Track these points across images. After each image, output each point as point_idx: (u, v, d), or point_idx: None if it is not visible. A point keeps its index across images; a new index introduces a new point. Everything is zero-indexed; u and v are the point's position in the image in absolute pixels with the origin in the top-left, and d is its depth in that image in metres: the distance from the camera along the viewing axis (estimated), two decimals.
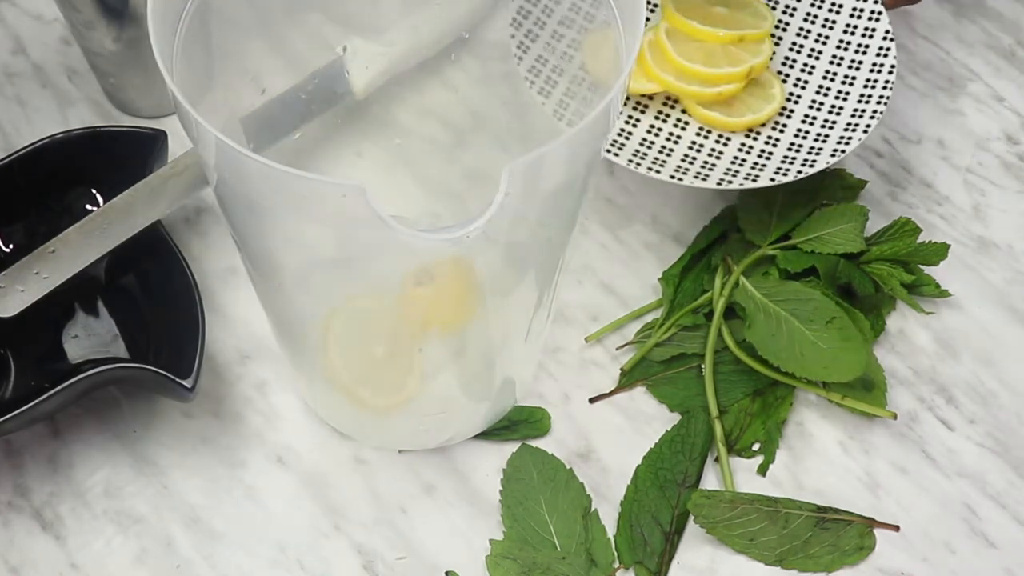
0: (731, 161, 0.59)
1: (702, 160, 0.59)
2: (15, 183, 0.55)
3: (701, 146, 0.60)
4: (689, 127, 0.61)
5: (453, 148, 0.55)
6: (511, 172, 0.34)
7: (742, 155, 0.60)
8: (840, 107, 0.60)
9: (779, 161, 0.58)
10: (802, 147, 0.59)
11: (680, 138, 0.60)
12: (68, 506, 0.51)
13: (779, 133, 0.60)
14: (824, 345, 0.53)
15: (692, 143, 0.60)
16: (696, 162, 0.59)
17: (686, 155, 0.59)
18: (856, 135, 0.57)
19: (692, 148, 0.60)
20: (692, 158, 0.59)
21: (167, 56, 0.38)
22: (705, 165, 0.59)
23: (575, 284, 0.59)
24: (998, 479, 0.54)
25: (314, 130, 0.54)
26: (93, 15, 0.57)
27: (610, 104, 0.36)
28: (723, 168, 0.59)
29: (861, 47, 0.61)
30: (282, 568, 0.50)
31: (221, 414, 0.54)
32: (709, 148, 0.60)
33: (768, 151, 0.59)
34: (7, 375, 0.53)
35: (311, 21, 0.50)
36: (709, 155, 0.60)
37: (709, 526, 0.50)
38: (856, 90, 0.60)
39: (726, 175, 0.58)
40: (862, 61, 0.61)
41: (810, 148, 0.58)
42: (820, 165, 0.56)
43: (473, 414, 0.52)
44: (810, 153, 0.58)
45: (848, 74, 0.61)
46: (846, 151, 0.56)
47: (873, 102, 0.59)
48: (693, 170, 0.58)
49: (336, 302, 0.49)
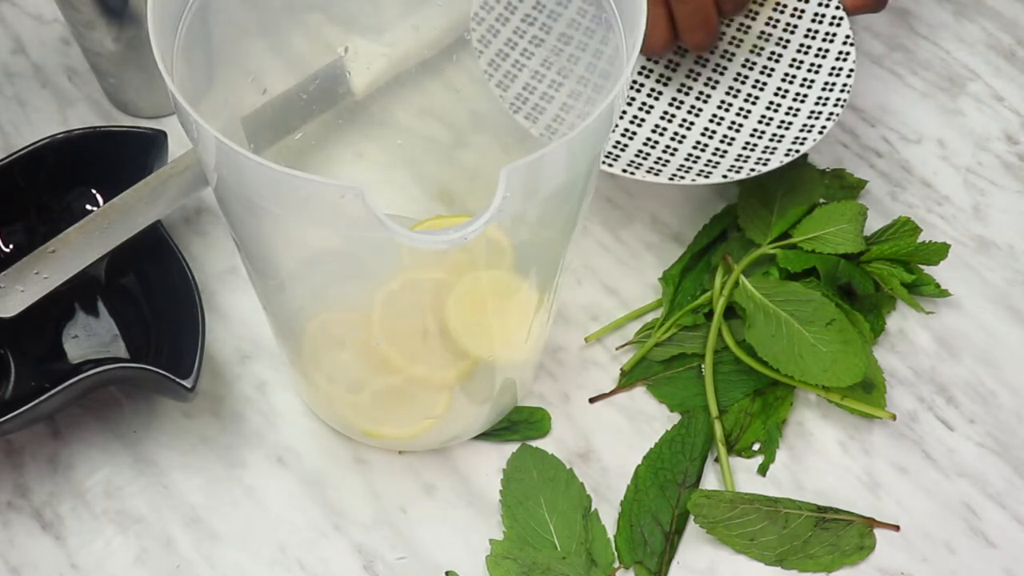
0: (685, 157, 0.59)
1: (656, 155, 0.59)
2: (15, 183, 0.55)
3: (656, 142, 0.60)
4: (647, 120, 0.61)
5: (453, 148, 0.55)
6: (510, 173, 0.34)
7: (696, 152, 0.60)
8: (797, 109, 0.60)
9: (733, 159, 0.59)
10: (756, 146, 0.59)
11: (636, 134, 0.60)
12: (68, 506, 0.51)
13: (735, 132, 0.60)
14: (824, 347, 0.53)
15: (647, 139, 0.60)
16: (650, 157, 0.59)
17: (640, 151, 0.60)
18: (811, 135, 0.57)
19: (647, 144, 0.60)
20: (647, 153, 0.59)
21: (167, 56, 0.38)
22: (659, 160, 0.59)
23: (575, 284, 0.59)
24: (998, 479, 0.54)
25: (314, 130, 0.54)
26: (93, 15, 0.57)
27: (612, 104, 0.36)
28: (676, 164, 0.59)
29: (821, 51, 0.61)
30: (282, 568, 0.50)
31: (221, 414, 0.54)
32: (664, 144, 0.60)
33: (723, 149, 0.60)
34: (7, 375, 0.53)
35: (312, 21, 0.50)
36: (664, 151, 0.60)
37: (709, 526, 0.50)
38: (814, 93, 0.60)
39: (679, 170, 0.58)
40: (821, 65, 0.61)
41: (765, 147, 0.58)
42: (774, 163, 0.56)
43: (473, 415, 0.52)
44: (764, 152, 0.58)
45: (807, 77, 0.61)
46: (800, 151, 0.56)
47: (830, 104, 0.59)
48: (647, 165, 0.58)
49: (335, 302, 0.49)
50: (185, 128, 0.36)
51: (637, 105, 0.62)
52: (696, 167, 0.58)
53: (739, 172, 0.56)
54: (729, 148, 0.60)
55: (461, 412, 0.51)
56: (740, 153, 0.59)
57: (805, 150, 0.56)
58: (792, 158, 0.56)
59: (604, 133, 0.38)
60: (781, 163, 0.56)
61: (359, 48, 0.53)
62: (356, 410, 0.52)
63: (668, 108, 0.62)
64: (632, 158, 0.59)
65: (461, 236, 0.34)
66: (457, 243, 0.34)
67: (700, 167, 0.58)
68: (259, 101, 0.50)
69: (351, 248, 0.42)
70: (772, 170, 0.56)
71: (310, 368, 0.51)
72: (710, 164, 0.58)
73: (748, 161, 0.58)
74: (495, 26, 0.54)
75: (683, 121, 0.61)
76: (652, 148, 0.60)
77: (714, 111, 0.62)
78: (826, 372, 0.52)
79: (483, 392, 0.51)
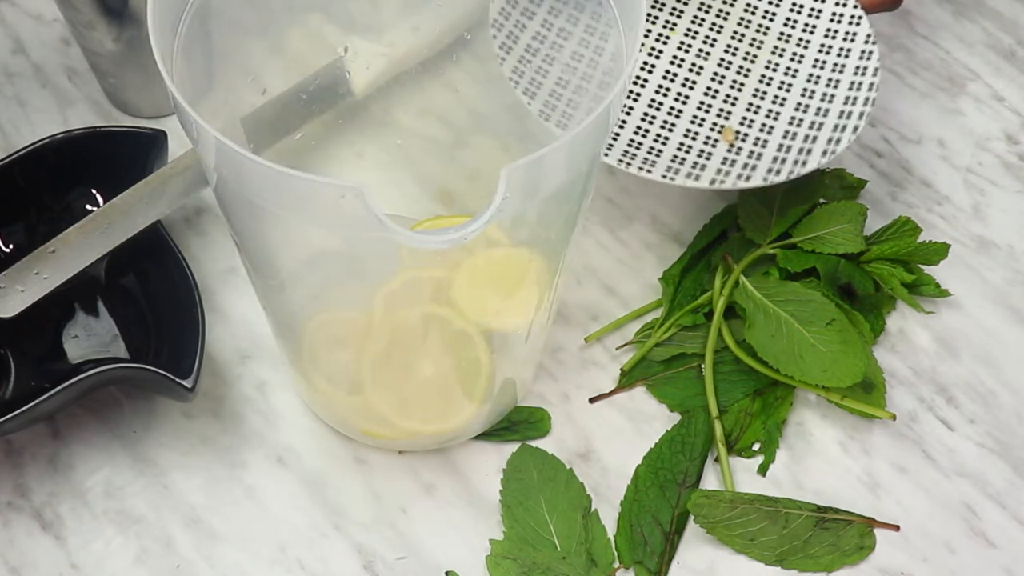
0: (721, 161, 0.59)
1: (692, 160, 0.59)
2: (15, 183, 0.55)
3: (690, 146, 0.60)
4: (679, 121, 0.61)
5: (453, 148, 0.55)
6: (510, 174, 0.34)
7: (731, 155, 0.60)
8: (827, 109, 0.60)
9: (769, 161, 0.59)
10: (791, 148, 0.59)
11: (668, 138, 0.60)
12: (68, 506, 0.51)
13: (767, 135, 0.60)
14: (824, 347, 0.53)
15: (681, 143, 0.60)
16: (687, 162, 0.59)
17: (675, 155, 0.60)
18: (845, 135, 0.57)
19: (681, 148, 0.60)
20: (682, 158, 0.59)
21: (167, 57, 0.38)
22: (696, 165, 0.59)
23: (575, 284, 0.59)
24: (998, 479, 0.54)
25: (314, 130, 0.54)
26: (93, 15, 0.57)
27: (610, 105, 0.36)
28: (714, 168, 0.59)
29: (843, 51, 0.61)
30: (282, 568, 0.50)
31: (221, 414, 0.54)
32: (698, 148, 0.60)
33: (758, 152, 0.60)
34: (7, 375, 0.53)
35: (312, 21, 0.50)
36: (699, 155, 0.60)
37: (709, 526, 0.50)
38: (841, 92, 0.60)
39: (718, 175, 0.58)
40: (845, 64, 0.61)
41: (800, 149, 0.58)
42: (812, 165, 0.56)
43: (473, 415, 0.52)
44: (800, 153, 0.58)
45: (832, 77, 0.61)
46: (836, 151, 0.56)
47: (860, 103, 0.59)
48: (684, 169, 0.58)
49: (335, 302, 0.49)
50: (185, 128, 0.36)
51: (666, 109, 0.62)
52: (734, 171, 0.58)
53: (779, 174, 0.57)
54: (764, 151, 0.60)
55: (461, 412, 0.51)
56: (776, 155, 0.59)
57: (841, 149, 0.56)
58: (829, 158, 0.56)
59: (604, 133, 0.38)
60: (819, 164, 0.56)
61: (359, 48, 0.53)
62: (356, 410, 0.52)
63: (696, 113, 0.62)
64: (669, 163, 0.59)
65: (461, 236, 0.34)
66: (457, 243, 0.34)
67: (738, 171, 0.58)
68: (259, 101, 0.50)
69: (351, 248, 0.42)
70: (808, 171, 0.56)
71: (310, 368, 0.51)
72: (747, 167, 0.59)
73: (786, 163, 0.58)
74: (514, 32, 0.54)
75: (714, 124, 0.62)
76: (687, 153, 0.60)
77: (743, 114, 0.62)
78: (826, 372, 0.52)
79: (483, 392, 0.51)
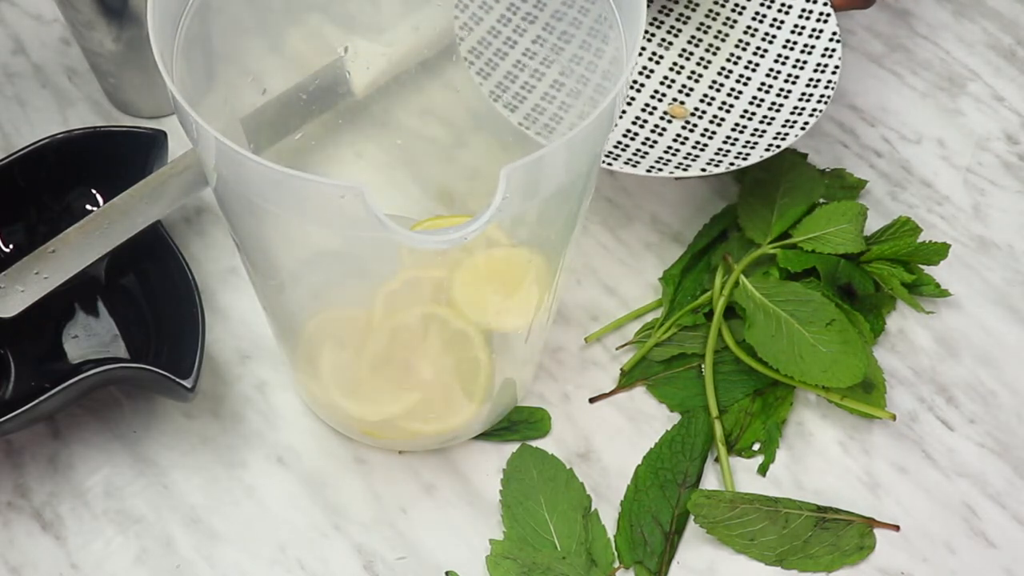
0: (664, 149, 0.59)
1: (635, 148, 0.59)
2: (15, 183, 0.55)
3: (636, 134, 0.60)
4: (627, 112, 0.61)
5: (453, 148, 0.55)
6: (510, 173, 0.34)
7: (676, 144, 0.59)
8: (780, 104, 0.60)
9: (713, 152, 0.58)
10: (737, 140, 0.59)
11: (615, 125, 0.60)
12: (68, 506, 0.51)
13: (716, 126, 0.60)
14: (824, 348, 0.53)
15: (627, 131, 0.60)
16: (628, 149, 0.59)
17: (619, 142, 0.59)
18: (794, 131, 0.57)
19: (626, 136, 0.60)
20: (624, 145, 0.59)
21: (167, 56, 0.38)
22: (637, 152, 0.59)
23: (575, 284, 0.59)
24: (998, 479, 0.54)
25: (314, 130, 0.54)
26: (93, 15, 0.57)
27: (612, 104, 0.36)
28: (655, 156, 0.59)
29: (807, 47, 0.61)
30: (282, 568, 0.50)
31: (221, 414, 0.54)
32: (644, 136, 0.60)
33: (703, 143, 0.59)
34: (7, 375, 0.53)
35: (311, 21, 0.50)
36: (643, 143, 0.59)
37: (709, 526, 0.50)
38: (798, 89, 0.60)
39: (657, 162, 0.58)
40: (807, 61, 0.61)
41: (745, 142, 0.58)
42: (754, 158, 0.56)
43: (473, 415, 0.52)
44: (745, 147, 0.58)
45: (792, 73, 0.61)
46: (781, 145, 0.56)
47: (814, 101, 0.59)
48: (625, 156, 0.58)
49: (336, 302, 0.49)
50: (185, 128, 0.36)
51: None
52: (675, 160, 0.58)
53: (718, 166, 0.56)
54: (709, 142, 0.59)
55: (461, 412, 0.51)
56: (720, 147, 0.59)
57: (786, 145, 0.56)
58: (772, 153, 0.56)
59: (604, 133, 0.38)
60: (761, 157, 0.56)
61: (359, 48, 0.53)
62: (356, 410, 0.52)
63: (649, 100, 0.62)
64: (610, 149, 0.59)
65: (461, 236, 0.34)
66: (457, 243, 0.34)
67: (679, 160, 0.58)
68: (259, 101, 0.50)
69: (351, 248, 0.42)
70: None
71: (310, 368, 0.51)
72: (689, 157, 0.58)
73: (728, 155, 0.58)
74: (481, 20, 0.54)
75: (664, 114, 0.61)
76: (631, 140, 0.60)
77: (696, 104, 0.62)
78: (826, 372, 0.52)
79: (483, 392, 0.51)
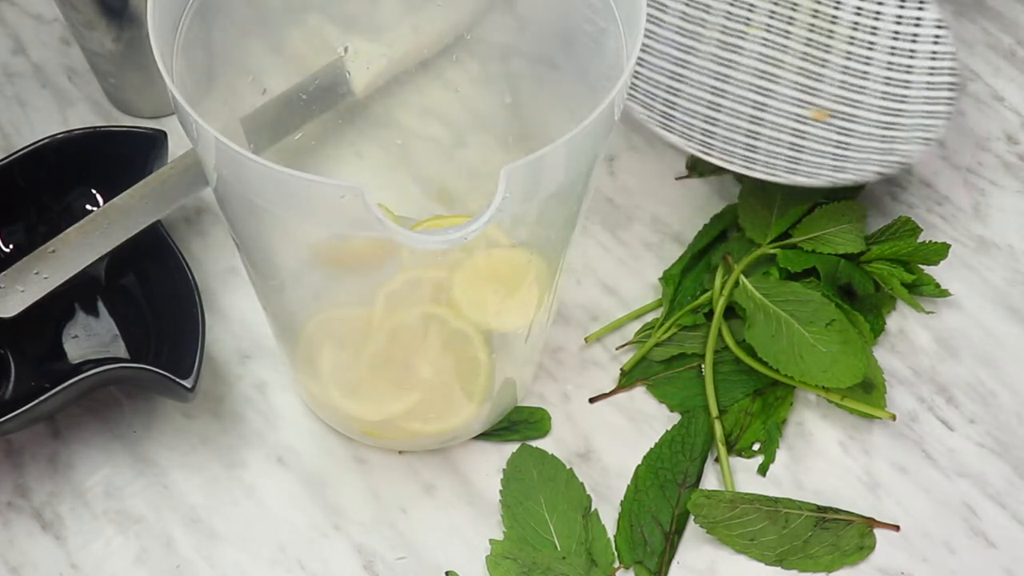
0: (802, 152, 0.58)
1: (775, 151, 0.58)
2: (15, 183, 0.55)
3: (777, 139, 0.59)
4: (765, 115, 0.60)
5: (453, 148, 0.55)
6: (509, 174, 0.34)
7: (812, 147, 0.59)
8: (903, 105, 0.60)
9: (855, 155, 0.58)
10: (870, 146, 0.59)
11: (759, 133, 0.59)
12: (68, 506, 0.51)
13: (845, 133, 0.60)
14: (824, 348, 0.53)
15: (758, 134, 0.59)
16: (766, 153, 0.58)
17: (761, 148, 0.58)
18: (938, 122, 0.58)
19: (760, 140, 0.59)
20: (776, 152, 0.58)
21: (167, 56, 0.38)
22: (782, 157, 0.58)
23: (575, 284, 0.59)
24: (998, 479, 0.54)
25: (314, 130, 0.54)
26: (93, 15, 0.57)
27: (611, 104, 0.36)
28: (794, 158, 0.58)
29: (913, 37, 0.63)
30: (282, 568, 0.50)
31: (221, 414, 0.54)
32: (790, 141, 0.59)
33: (844, 143, 0.59)
34: (7, 375, 0.53)
35: (311, 21, 0.50)
36: (791, 147, 0.59)
37: (709, 526, 0.50)
38: (920, 82, 0.61)
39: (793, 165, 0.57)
40: (915, 51, 0.62)
41: (880, 147, 0.58)
42: (913, 158, 0.57)
43: (473, 415, 0.52)
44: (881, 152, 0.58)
45: (906, 66, 0.62)
46: (930, 140, 0.57)
47: (943, 90, 0.60)
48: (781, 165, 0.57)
49: (335, 302, 0.49)
50: (185, 128, 0.37)
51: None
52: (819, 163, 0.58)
53: (851, 173, 0.56)
54: (849, 144, 0.59)
55: (461, 412, 0.51)
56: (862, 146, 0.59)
57: (937, 137, 0.57)
58: (925, 148, 0.57)
59: (604, 133, 0.38)
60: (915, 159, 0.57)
61: (359, 48, 0.53)
62: (355, 410, 0.52)
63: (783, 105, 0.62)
64: (727, 147, 0.58)
65: (461, 236, 0.34)
66: (457, 243, 0.34)
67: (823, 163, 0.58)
68: (259, 101, 0.50)
69: (350, 248, 0.42)
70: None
71: (310, 368, 0.51)
72: (819, 164, 0.58)
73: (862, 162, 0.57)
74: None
75: (801, 117, 0.61)
76: (775, 145, 0.59)
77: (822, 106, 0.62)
78: (826, 373, 0.52)
79: (483, 392, 0.51)
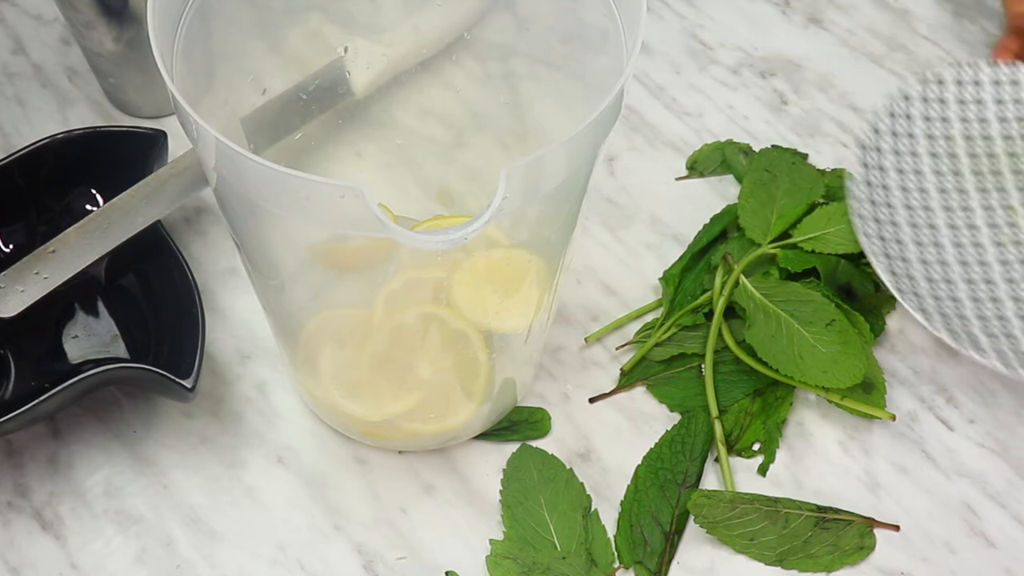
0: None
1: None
2: (15, 183, 0.55)
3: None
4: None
5: (453, 148, 0.55)
6: (509, 174, 0.34)
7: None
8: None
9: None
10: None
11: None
12: (68, 506, 0.51)
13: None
14: (824, 348, 0.53)
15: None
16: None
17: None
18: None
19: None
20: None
21: (167, 56, 0.38)
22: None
23: (575, 284, 0.59)
24: (998, 479, 0.54)
25: (314, 130, 0.54)
26: (93, 15, 0.57)
27: (612, 104, 0.36)
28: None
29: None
30: (282, 568, 0.50)
31: (221, 414, 0.54)
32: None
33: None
34: (7, 375, 0.53)
35: (311, 21, 0.50)
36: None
37: (709, 526, 0.50)
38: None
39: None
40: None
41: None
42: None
43: (473, 415, 0.52)
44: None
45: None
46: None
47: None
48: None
49: (335, 302, 0.49)
50: (185, 128, 0.37)
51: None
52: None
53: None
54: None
55: (461, 412, 0.51)
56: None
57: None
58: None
59: (604, 133, 0.38)
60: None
61: (359, 48, 0.53)
62: (355, 410, 0.52)
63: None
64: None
65: (461, 236, 0.34)
66: (457, 243, 0.34)
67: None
68: (259, 101, 0.50)
69: (350, 247, 0.42)
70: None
71: (310, 368, 0.51)
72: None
73: None
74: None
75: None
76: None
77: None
78: (826, 373, 0.52)
79: (483, 392, 0.51)
